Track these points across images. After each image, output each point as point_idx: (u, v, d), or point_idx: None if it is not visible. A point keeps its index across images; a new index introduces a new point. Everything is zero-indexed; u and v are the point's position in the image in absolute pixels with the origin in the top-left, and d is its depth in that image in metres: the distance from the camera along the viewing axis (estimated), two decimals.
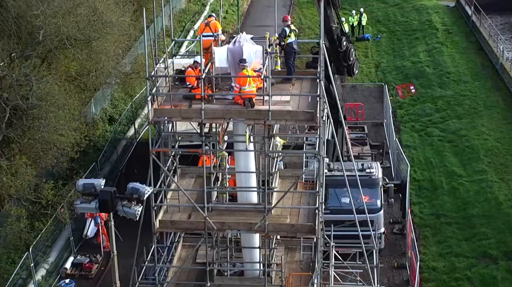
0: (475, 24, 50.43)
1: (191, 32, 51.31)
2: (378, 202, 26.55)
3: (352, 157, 25.87)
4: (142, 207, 16.93)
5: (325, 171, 23.66)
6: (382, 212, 26.73)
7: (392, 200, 27.76)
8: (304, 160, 25.39)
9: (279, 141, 23.59)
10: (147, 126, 33.10)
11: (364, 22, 53.79)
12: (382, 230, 26.85)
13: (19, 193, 23.84)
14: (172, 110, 19.39)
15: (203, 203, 19.79)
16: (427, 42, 49.95)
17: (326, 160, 25.73)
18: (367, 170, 26.71)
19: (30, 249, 23.60)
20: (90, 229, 28.04)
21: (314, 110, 19.03)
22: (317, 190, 20.23)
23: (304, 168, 23.55)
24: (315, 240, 20.65)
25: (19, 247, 24.41)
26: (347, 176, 25.93)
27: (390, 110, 36.59)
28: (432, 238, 27.82)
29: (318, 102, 19.17)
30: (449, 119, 37.61)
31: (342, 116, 27.20)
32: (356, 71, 29.83)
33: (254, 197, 20.92)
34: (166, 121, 21.01)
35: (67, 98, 25.70)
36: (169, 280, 21.51)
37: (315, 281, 20.56)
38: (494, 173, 31.25)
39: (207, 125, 20.55)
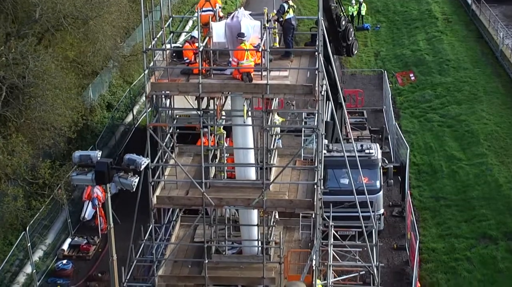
0: (475, 13, 50.28)
1: (190, 22, 51.15)
2: (378, 183, 26.39)
3: (352, 138, 25.75)
4: (138, 178, 16.80)
5: (324, 151, 23.54)
6: (381, 193, 26.57)
7: (392, 181, 27.58)
8: (303, 138, 25.15)
9: (277, 119, 23.48)
10: (145, 113, 33.02)
11: (363, 12, 53.60)
12: (382, 211, 26.70)
13: (15, 171, 23.64)
14: (170, 84, 19.22)
15: (201, 180, 19.64)
16: (426, 31, 49.78)
17: (325, 141, 25.58)
18: (366, 151, 26.54)
19: (27, 228, 23.41)
20: (88, 212, 27.85)
21: (312, 84, 18.88)
22: (316, 165, 20.07)
23: (302, 144, 23.31)
24: (313, 216, 20.43)
25: (15, 226, 24.22)
26: (346, 156, 25.96)
27: (390, 96, 36.41)
28: (432, 220, 27.67)
29: (317, 76, 19.01)
30: (448, 105, 37.46)
31: (342, 98, 27.07)
32: (355, 51, 29.64)
33: (252, 175, 20.75)
34: (164, 97, 20.80)
35: (64, 77, 25.51)
36: (167, 257, 21.36)
37: (314, 258, 20.40)
38: (494, 156, 31.10)
39: (205, 102, 20.35)
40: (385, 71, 40.65)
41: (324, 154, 23.12)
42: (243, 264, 21.23)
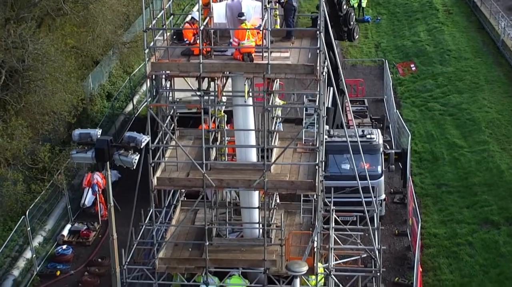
0: (476, 4, 50.13)
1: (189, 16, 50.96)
2: (379, 168, 26.25)
3: (354, 122, 25.60)
4: (139, 155, 16.68)
5: (325, 136, 23.40)
6: (383, 178, 26.43)
7: (393, 166, 27.45)
8: (304, 120, 25.04)
9: (278, 102, 23.36)
10: (145, 103, 32.83)
11: (364, 4, 53.46)
12: (383, 196, 26.57)
13: (15, 155, 23.50)
14: (170, 64, 19.11)
15: (201, 161, 19.51)
16: (427, 23, 49.64)
17: (326, 126, 25.45)
18: (368, 136, 26.39)
19: (27, 212, 23.29)
20: (88, 198, 27.72)
21: (314, 63, 18.75)
22: (317, 146, 19.94)
23: (303, 126, 23.23)
24: (315, 197, 20.28)
25: (15, 209, 24.07)
26: (348, 141, 25.83)
27: (391, 84, 36.29)
28: (433, 207, 27.55)
29: (318, 55, 18.88)
30: (450, 94, 37.36)
31: (343, 83, 26.91)
32: (357, 36, 29.49)
33: (253, 157, 20.63)
34: (164, 79, 20.65)
35: (64, 60, 25.37)
36: (167, 240, 21.24)
37: (315, 239, 20.26)
38: (495, 143, 30.98)
39: (206, 84, 20.20)
40: (386, 61, 40.47)
41: (325, 139, 23.01)
42: (244, 247, 21.13)
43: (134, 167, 16.69)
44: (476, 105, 34.96)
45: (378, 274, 20.75)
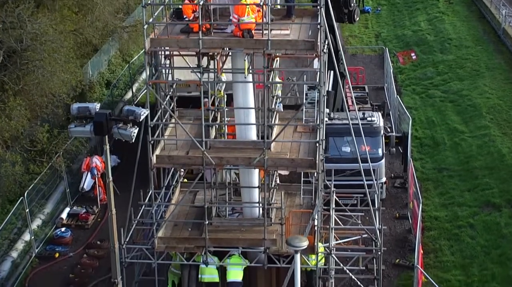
0: None
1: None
2: (380, 151, 26.10)
3: (355, 104, 25.40)
4: (138, 128, 16.52)
5: (326, 119, 23.25)
6: (383, 161, 26.29)
7: (394, 149, 27.31)
8: (305, 101, 24.92)
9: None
10: (145, 90, 32.79)
11: None
12: (384, 179, 26.44)
13: (13, 137, 23.31)
14: (169, 40, 18.92)
15: (201, 142, 19.33)
16: (428, 12, 49.53)
17: (327, 110, 25.30)
18: (368, 119, 26.24)
19: (25, 194, 23.13)
20: (87, 182, 27.57)
21: (314, 39, 18.59)
22: (318, 123, 19.78)
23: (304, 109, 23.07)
24: (315, 175, 20.10)
25: (13, 191, 23.88)
26: (348, 124, 25.66)
27: (391, 70, 36.14)
28: (434, 191, 27.40)
29: (319, 31, 18.72)
30: (450, 81, 37.24)
31: (345, 66, 26.76)
32: (357, 18, 29.26)
33: (253, 135, 20.44)
34: (163, 56, 20.48)
35: (63, 40, 25.18)
36: (167, 219, 21.08)
37: (316, 217, 20.10)
38: (497, 128, 30.84)
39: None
40: (386, 48, 40.32)
41: (326, 122, 22.86)
42: (244, 227, 20.97)
43: (133, 140, 16.51)
44: (477, 92, 34.83)
45: (379, 253, 20.59)
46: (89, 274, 23.01)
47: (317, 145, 19.62)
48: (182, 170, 24.71)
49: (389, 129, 27.82)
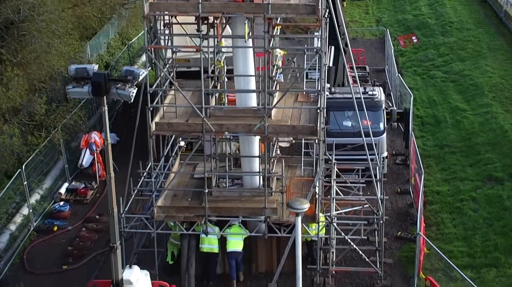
0: None
1: None
2: (381, 125, 25.86)
3: (357, 77, 25.07)
4: (136, 89, 16.27)
5: (327, 93, 23.00)
6: (385, 135, 26.05)
7: (395, 123, 27.08)
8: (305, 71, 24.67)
9: (279, 52, 22.89)
10: (145, 73, 32.54)
11: None
12: (385, 154, 26.19)
13: (11, 109, 23.06)
14: (168, 4, 18.76)
15: (201, 109, 19.10)
16: None
17: (327, 84, 25.05)
18: (370, 93, 26.00)
19: (23, 166, 22.89)
20: (86, 159, 27.34)
21: (315, 3, 18.35)
22: (319, 89, 19.56)
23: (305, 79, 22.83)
24: (316, 142, 19.86)
25: (11, 162, 23.61)
26: (349, 98, 25.41)
27: (392, 51, 35.89)
28: (436, 167, 27.17)
29: None
30: (452, 62, 37.03)
31: (347, 39, 26.53)
32: None
33: (253, 103, 20.18)
34: (161, 22, 20.21)
35: (61, 11, 24.90)
36: (166, 187, 20.87)
37: (317, 185, 19.88)
38: (499, 105, 30.61)
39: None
40: (387, 30, 40.08)
41: (327, 96, 22.62)
42: (244, 197, 20.76)
43: (131, 100, 16.26)
44: (478, 71, 34.61)
45: (381, 222, 20.37)
46: (88, 247, 22.78)
47: (318, 111, 19.43)
48: (182, 144, 24.53)
49: (390, 104, 27.56)
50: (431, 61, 38.11)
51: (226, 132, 19.74)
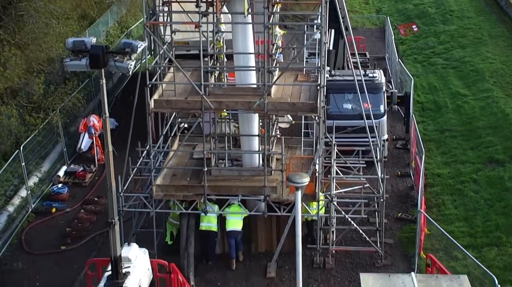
0: None
1: None
2: (382, 107, 25.71)
3: (358, 60, 24.96)
4: (135, 61, 16.08)
5: (327, 76, 22.85)
6: (385, 117, 25.89)
7: (396, 106, 26.94)
8: (305, 52, 24.56)
9: (279, 31, 22.79)
10: (144, 60, 32.36)
11: None
12: (386, 136, 26.04)
13: (9, 89, 22.87)
14: None
15: (200, 86, 18.95)
16: None
17: (327, 68, 24.89)
18: (370, 75, 25.84)
19: (21, 147, 22.73)
20: (84, 143, 27.20)
21: None
22: (319, 66, 19.40)
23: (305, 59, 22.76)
24: (316, 119, 19.70)
25: (9, 143, 23.42)
26: (349, 81, 25.26)
27: (393, 38, 35.73)
28: (437, 150, 27.02)
29: None
30: (452, 49, 36.90)
31: (348, 21, 26.37)
32: None
33: (253, 81, 19.97)
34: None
35: None
36: (165, 164, 20.72)
37: (317, 162, 19.74)
38: (500, 90, 30.47)
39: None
40: (388, 18, 39.93)
41: (327, 78, 22.46)
42: (243, 177, 20.62)
43: (130, 73, 16.09)
44: (479, 58, 34.48)
45: (382, 200, 20.23)
46: (86, 228, 22.64)
47: (318, 88, 19.27)
48: (185, 125, 24.33)
49: (391, 87, 27.40)
50: (431, 48, 37.98)
51: (225, 110, 19.59)
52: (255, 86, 19.70)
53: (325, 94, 20.28)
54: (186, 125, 23.87)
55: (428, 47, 38.33)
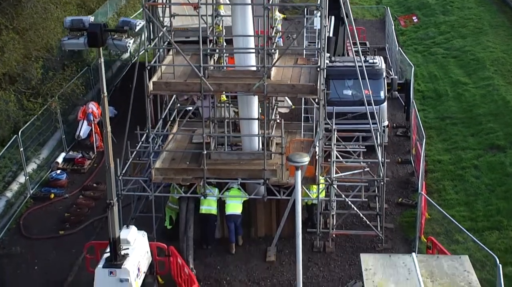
0: None
1: None
2: (382, 93, 25.57)
3: (359, 47, 24.83)
4: (133, 39, 16.01)
5: (327, 62, 22.71)
6: (385, 103, 25.76)
7: (396, 92, 26.81)
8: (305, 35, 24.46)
9: (278, 15, 22.66)
10: (142, 51, 32.17)
11: None
12: (386, 123, 25.89)
13: (6, 74, 22.71)
14: None
15: (199, 69, 18.80)
16: None
17: (327, 54, 24.75)
18: (370, 61, 25.71)
19: (20, 132, 22.59)
20: (83, 130, 27.07)
21: None
22: (319, 47, 19.27)
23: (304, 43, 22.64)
24: (316, 101, 19.56)
25: (7, 127, 23.27)
26: (349, 67, 25.15)
27: (393, 27, 35.60)
28: (437, 137, 26.89)
29: None
30: (453, 39, 36.78)
31: (349, 7, 26.15)
32: None
33: (252, 63, 19.83)
34: None
35: None
36: (165, 147, 20.59)
37: (317, 144, 19.61)
38: (501, 78, 30.34)
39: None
40: (388, 8, 39.80)
41: (327, 64, 22.32)
42: (243, 160, 20.49)
43: (128, 51, 16.01)
44: (480, 47, 34.36)
45: (382, 183, 20.10)
46: (85, 213, 22.51)
47: (318, 70, 19.14)
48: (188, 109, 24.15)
49: (391, 73, 27.27)
50: (431, 39, 37.86)
51: (225, 93, 19.46)
52: (254, 69, 19.57)
53: (325, 79, 20.17)
54: (191, 108, 23.75)
55: (429, 37, 38.22)
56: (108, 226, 16.96)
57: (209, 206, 19.91)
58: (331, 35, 27.74)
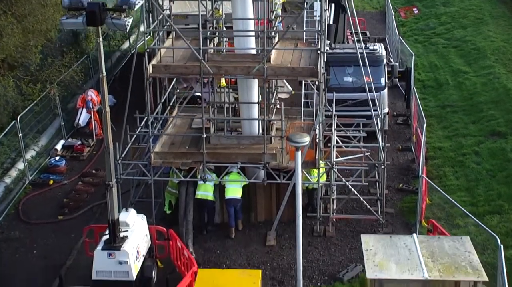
0: None
1: None
2: (382, 80, 25.46)
3: (360, 35, 24.73)
4: (132, 18, 15.88)
5: (327, 49, 22.60)
6: (386, 90, 25.66)
7: (397, 79, 26.73)
8: (304, 19, 24.31)
9: (278, 0, 22.54)
10: (142, 41, 31.97)
11: None
12: (386, 110, 25.78)
13: (6, 62, 22.57)
14: None
15: (199, 51, 18.69)
16: None
17: (328, 41, 24.64)
18: (371, 48, 25.61)
19: (18, 118, 22.49)
20: (82, 118, 27.00)
21: None
22: (319, 29, 19.16)
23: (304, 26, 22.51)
24: (317, 83, 19.45)
25: (6, 113, 23.14)
26: (350, 53, 25.06)
27: (393, 17, 35.50)
28: (438, 125, 26.79)
29: None
30: (453, 29, 36.74)
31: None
32: None
33: (252, 46, 19.72)
34: None
35: None
36: (164, 131, 20.48)
37: (317, 127, 19.50)
38: (501, 67, 30.26)
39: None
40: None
41: (327, 51, 22.22)
42: (243, 145, 20.38)
43: (127, 30, 15.87)
44: (480, 37, 34.31)
45: (383, 167, 20.00)
46: (84, 199, 22.41)
47: (318, 53, 19.04)
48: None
49: (392, 60, 27.18)
50: (432, 29, 37.83)
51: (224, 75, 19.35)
52: (254, 52, 19.46)
53: (325, 66, 20.07)
54: (198, 94, 23.66)
55: (429, 28, 38.17)
56: (108, 208, 16.87)
57: (205, 191, 19.77)
58: (331, 23, 27.65)
